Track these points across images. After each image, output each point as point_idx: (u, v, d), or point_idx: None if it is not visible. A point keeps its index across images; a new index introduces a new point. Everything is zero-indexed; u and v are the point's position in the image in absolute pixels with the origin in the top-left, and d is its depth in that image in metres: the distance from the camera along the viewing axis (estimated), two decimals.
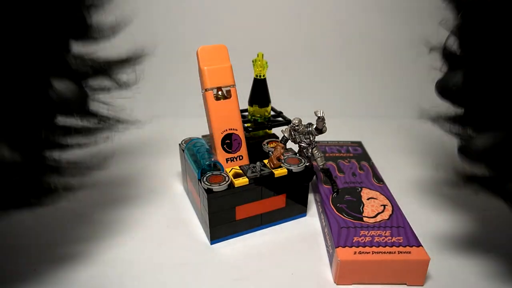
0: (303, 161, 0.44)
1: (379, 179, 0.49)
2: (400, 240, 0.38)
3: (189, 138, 0.49)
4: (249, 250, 0.41)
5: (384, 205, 0.43)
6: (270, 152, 0.46)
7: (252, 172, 0.42)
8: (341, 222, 0.40)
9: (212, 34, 0.73)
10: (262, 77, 0.48)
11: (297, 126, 0.43)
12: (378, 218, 0.41)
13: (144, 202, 0.49)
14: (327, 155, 0.55)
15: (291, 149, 0.47)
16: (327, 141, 0.59)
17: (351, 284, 0.37)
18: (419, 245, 0.37)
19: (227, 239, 0.43)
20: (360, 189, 0.46)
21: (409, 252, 0.36)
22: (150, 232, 0.44)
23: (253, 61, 0.48)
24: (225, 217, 0.41)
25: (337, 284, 0.37)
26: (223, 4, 0.72)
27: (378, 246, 0.37)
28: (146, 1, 0.71)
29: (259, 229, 0.44)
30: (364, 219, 0.41)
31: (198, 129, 0.64)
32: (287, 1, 0.72)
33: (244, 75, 0.52)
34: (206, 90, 0.43)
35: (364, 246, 0.37)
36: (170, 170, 0.57)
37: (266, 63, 0.48)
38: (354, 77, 0.79)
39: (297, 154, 0.46)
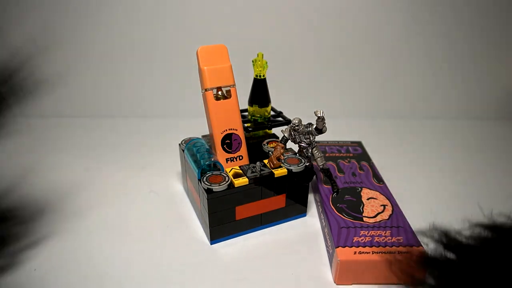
0: (303, 161, 0.44)
1: (379, 179, 0.48)
2: (400, 240, 0.38)
3: (189, 138, 0.49)
4: (249, 250, 0.41)
5: (384, 205, 0.43)
6: (270, 152, 0.46)
7: (252, 172, 0.42)
8: (341, 222, 0.40)
9: (212, 34, 0.73)
10: (262, 77, 0.48)
11: (297, 126, 0.43)
12: (378, 218, 0.41)
13: (144, 202, 0.49)
14: (327, 155, 0.55)
15: (291, 149, 0.47)
16: (327, 141, 0.59)
17: (351, 284, 0.37)
18: (419, 245, 0.37)
19: (227, 239, 0.43)
20: (360, 189, 0.46)
21: (408, 252, 0.36)
22: (150, 232, 0.44)
23: (253, 61, 0.48)
24: (225, 217, 0.41)
25: (337, 284, 0.37)
26: (223, 4, 0.72)
27: (378, 246, 0.37)
28: (146, 1, 0.71)
29: (259, 229, 0.44)
30: (364, 219, 0.41)
31: (198, 129, 0.64)
32: (287, 1, 0.72)
33: (244, 75, 0.52)
34: (206, 90, 0.43)
35: (364, 246, 0.37)
36: (170, 170, 0.57)
37: (266, 63, 0.48)
38: (354, 77, 0.79)
39: (297, 154, 0.46)
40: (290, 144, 0.47)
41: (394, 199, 0.45)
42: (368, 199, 0.44)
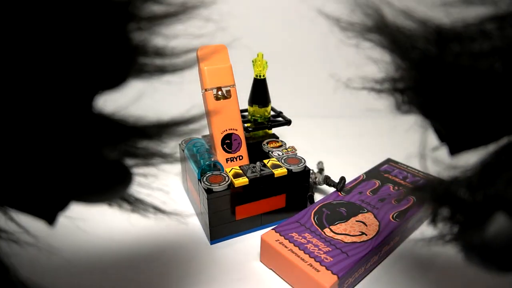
0: (303, 161, 0.44)
1: (400, 216, 0.41)
2: (327, 259, 0.35)
3: (189, 138, 0.49)
4: (249, 250, 0.41)
5: (364, 234, 0.39)
6: (270, 152, 0.46)
7: (252, 172, 0.42)
8: (302, 220, 0.40)
9: (212, 34, 0.73)
10: (262, 77, 0.48)
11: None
12: (340, 237, 0.38)
13: (144, 202, 0.49)
14: (390, 177, 0.49)
15: (293, 147, 0.47)
16: (412, 167, 0.52)
17: (269, 268, 0.38)
18: (336, 275, 0.33)
19: (227, 239, 0.43)
20: (365, 211, 0.42)
21: (319, 271, 0.34)
22: (150, 232, 0.44)
23: (253, 61, 0.48)
24: (225, 217, 0.41)
25: (260, 261, 0.39)
26: (222, 4, 0.72)
27: (301, 250, 0.36)
28: None
29: (259, 229, 0.44)
30: (326, 230, 0.39)
31: (198, 129, 0.64)
32: (287, 1, 0.72)
33: (244, 75, 0.52)
34: (206, 90, 0.43)
35: (290, 242, 0.37)
36: (170, 170, 0.57)
37: (266, 63, 0.48)
38: (354, 76, 0.79)
39: (297, 155, 0.46)
40: (290, 142, 0.46)
41: (386, 239, 0.38)
42: (357, 221, 0.41)
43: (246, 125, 0.49)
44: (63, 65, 0.19)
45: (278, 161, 0.44)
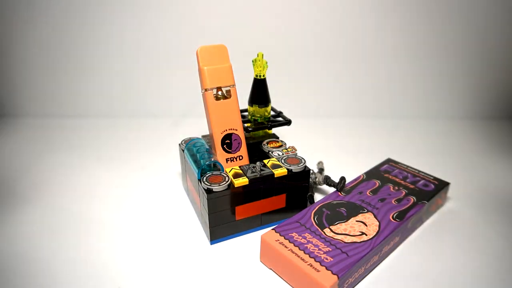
0: (303, 161, 0.44)
1: (401, 217, 0.41)
2: (327, 259, 0.35)
3: (189, 138, 0.49)
4: (249, 250, 0.41)
5: (364, 234, 0.39)
6: (270, 152, 0.46)
7: (252, 172, 0.42)
8: (302, 220, 0.40)
9: (212, 34, 0.73)
10: (262, 77, 0.48)
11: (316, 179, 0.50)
12: (340, 237, 0.38)
13: (144, 202, 0.49)
14: (393, 178, 0.49)
15: (293, 147, 0.47)
16: (416, 169, 0.51)
17: (269, 268, 0.38)
18: (336, 275, 0.33)
19: (227, 239, 0.43)
20: (365, 211, 0.42)
21: (319, 271, 0.34)
22: (150, 232, 0.44)
23: (253, 61, 0.48)
24: (225, 217, 0.41)
25: (260, 261, 0.39)
26: (223, 4, 0.72)
27: (301, 250, 0.36)
28: (145, 0, 0.71)
29: (259, 229, 0.44)
30: (326, 230, 0.39)
31: (198, 129, 0.64)
32: (287, 1, 0.72)
33: (244, 75, 0.52)
34: (206, 90, 0.43)
35: (290, 242, 0.37)
36: (170, 170, 0.57)
37: (266, 63, 0.48)
38: (354, 77, 0.79)
39: (297, 155, 0.46)
40: (290, 142, 0.46)
41: (385, 239, 0.38)
42: (357, 221, 0.41)
43: (246, 125, 0.49)
44: None
45: (278, 161, 0.44)
